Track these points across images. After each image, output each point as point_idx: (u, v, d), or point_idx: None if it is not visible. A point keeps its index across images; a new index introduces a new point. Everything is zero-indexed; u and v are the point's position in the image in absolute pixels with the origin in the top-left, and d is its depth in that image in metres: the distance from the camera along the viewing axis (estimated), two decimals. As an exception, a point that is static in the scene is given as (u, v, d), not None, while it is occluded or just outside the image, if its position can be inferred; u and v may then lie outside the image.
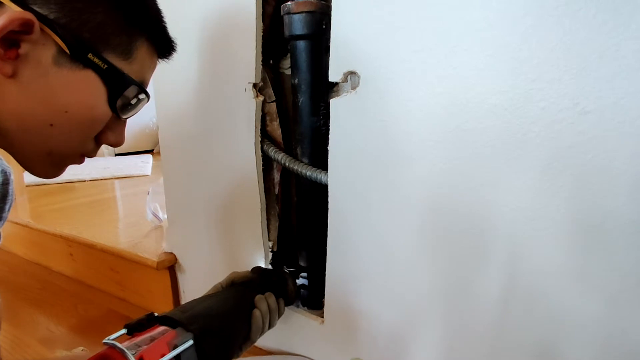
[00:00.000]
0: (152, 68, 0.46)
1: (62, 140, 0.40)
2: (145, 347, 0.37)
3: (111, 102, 0.40)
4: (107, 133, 0.43)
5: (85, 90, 0.38)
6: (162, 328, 0.41)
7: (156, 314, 0.43)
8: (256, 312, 0.52)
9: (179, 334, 0.41)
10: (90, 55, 0.37)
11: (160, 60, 0.47)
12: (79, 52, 0.36)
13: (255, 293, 0.55)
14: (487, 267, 0.46)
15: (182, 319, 0.42)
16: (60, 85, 0.37)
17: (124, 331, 0.40)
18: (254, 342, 0.53)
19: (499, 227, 0.45)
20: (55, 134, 0.39)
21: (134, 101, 0.43)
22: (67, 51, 0.36)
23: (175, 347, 0.38)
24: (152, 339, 0.39)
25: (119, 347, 0.35)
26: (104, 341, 0.37)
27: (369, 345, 0.60)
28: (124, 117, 0.43)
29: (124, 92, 0.41)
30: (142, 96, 0.44)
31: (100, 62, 0.38)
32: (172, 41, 0.47)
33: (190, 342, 0.40)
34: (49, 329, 0.86)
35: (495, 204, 0.44)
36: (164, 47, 0.46)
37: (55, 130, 0.38)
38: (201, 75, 0.68)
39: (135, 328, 0.40)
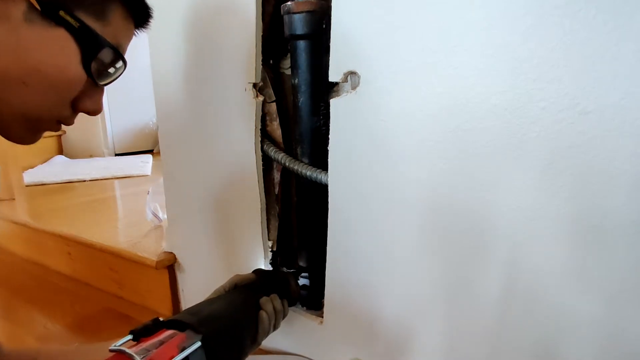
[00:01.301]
0: (129, 36, 0.45)
1: (37, 101, 0.39)
2: (154, 350, 0.36)
3: (85, 63, 0.40)
4: (83, 99, 0.43)
5: (57, 48, 0.38)
6: (170, 332, 0.40)
7: (162, 319, 0.42)
8: (263, 314, 0.52)
9: (188, 336, 0.40)
10: (61, 13, 0.37)
11: (137, 30, 0.47)
12: (49, 9, 0.36)
13: (259, 295, 0.55)
14: (487, 267, 0.46)
15: (190, 321, 0.42)
16: (32, 42, 0.37)
17: (129, 337, 0.39)
18: (259, 344, 0.53)
19: (499, 227, 0.45)
20: (29, 94, 0.38)
21: (111, 69, 0.42)
22: (38, 7, 0.36)
23: (184, 349, 0.38)
24: (161, 343, 0.38)
25: (127, 353, 0.35)
26: (110, 348, 0.36)
27: (369, 345, 0.60)
28: (101, 83, 0.43)
29: (98, 55, 0.40)
30: (119, 64, 0.43)
31: (72, 21, 0.37)
32: (148, 7, 0.46)
33: (198, 343, 0.39)
34: (45, 326, 0.86)
35: (495, 204, 0.44)
36: (140, 13, 0.45)
37: (29, 90, 0.38)
38: (201, 75, 0.68)
39: (141, 333, 0.40)
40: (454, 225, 0.48)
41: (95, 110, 0.44)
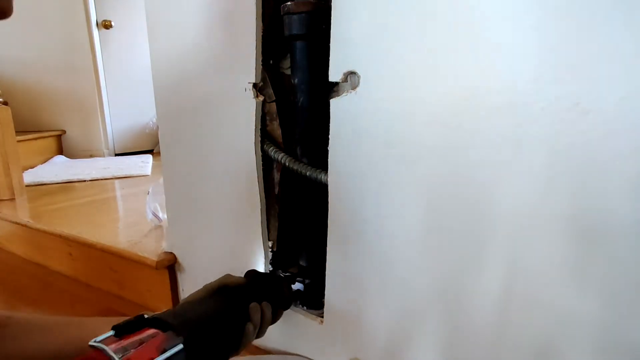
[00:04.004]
0: None
1: None
2: (133, 350, 0.36)
3: None
4: None
5: None
6: (152, 331, 0.40)
7: (146, 316, 0.41)
8: (249, 326, 0.50)
9: (169, 338, 0.39)
10: None
11: None
12: None
13: (249, 301, 0.53)
14: (487, 267, 0.46)
15: (173, 322, 0.41)
16: None
17: (111, 333, 0.38)
18: (239, 353, 0.52)
19: (498, 226, 0.45)
20: None
21: None
22: None
23: (164, 351, 0.37)
24: (141, 342, 0.37)
25: (106, 352, 0.35)
26: (90, 343, 0.36)
27: (368, 345, 0.60)
28: None
29: None
30: None
31: None
32: None
33: (180, 346, 0.38)
34: (48, 328, 0.86)
35: (495, 204, 0.44)
36: None
37: None
38: (201, 75, 0.68)
39: (123, 330, 0.39)
40: (454, 225, 0.48)
41: (1, 9, 0.37)
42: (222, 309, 0.50)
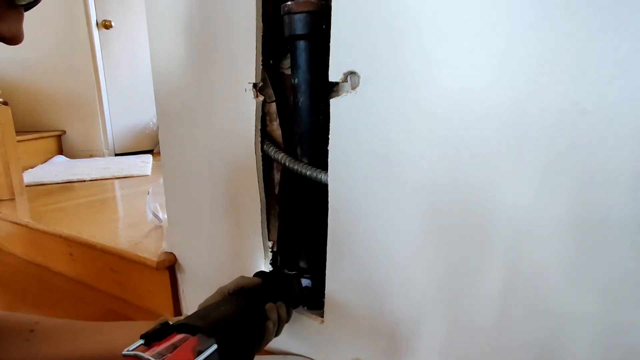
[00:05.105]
0: None
1: None
2: (169, 355, 0.36)
3: None
4: None
5: None
6: (181, 335, 0.40)
7: (171, 322, 0.42)
8: (269, 324, 0.51)
9: (201, 340, 0.40)
10: None
11: None
12: None
13: (265, 301, 0.54)
14: (488, 267, 0.46)
15: (200, 325, 0.42)
16: None
17: (141, 342, 0.39)
18: (260, 351, 0.53)
19: (499, 227, 0.45)
20: None
21: None
22: None
23: (200, 352, 0.38)
24: (175, 347, 0.38)
25: (144, 358, 0.35)
26: (123, 352, 0.37)
27: (369, 344, 0.60)
28: (18, 2, 0.38)
29: None
30: None
31: None
32: None
33: (215, 346, 0.39)
34: (48, 329, 0.86)
35: (495, 204, 0.44)
36: None
37: None
38: (201, 75, 0.68)
39: (152, 337, 0.40)
40: (454, 226, 0.48)
41: (12, 35, 0.38)
42: (244, 309, 0.51)
